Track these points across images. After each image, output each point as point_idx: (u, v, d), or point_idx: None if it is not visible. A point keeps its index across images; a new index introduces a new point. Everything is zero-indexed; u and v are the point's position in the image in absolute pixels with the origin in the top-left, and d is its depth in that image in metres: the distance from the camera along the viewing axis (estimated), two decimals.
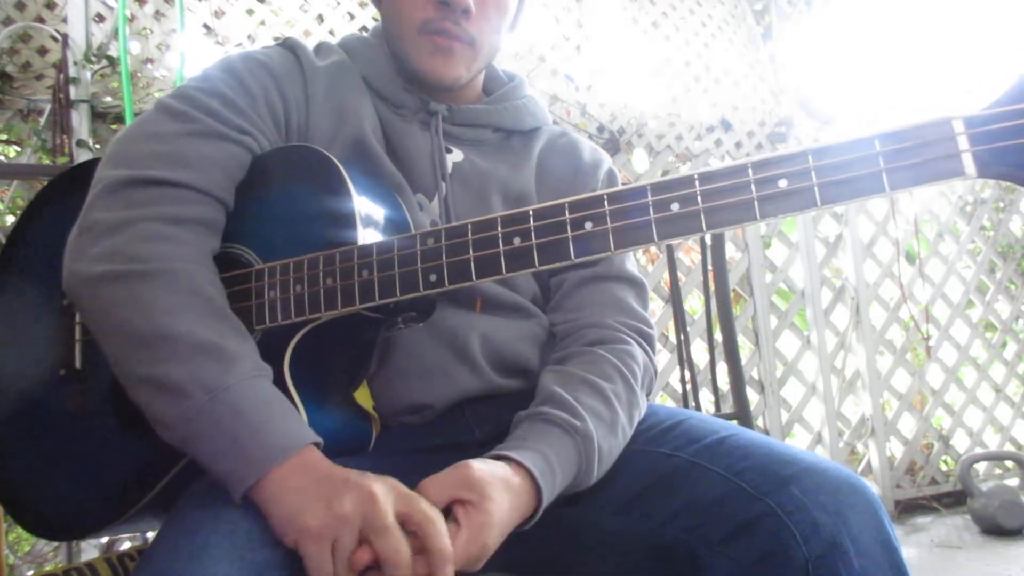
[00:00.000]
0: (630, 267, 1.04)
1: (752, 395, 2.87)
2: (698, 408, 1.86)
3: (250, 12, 2.41)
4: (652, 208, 0.70)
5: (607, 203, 0.72)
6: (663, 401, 2.81)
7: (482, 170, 1.00)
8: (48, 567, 2.05)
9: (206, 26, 2.34)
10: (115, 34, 2.17)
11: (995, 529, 2.63)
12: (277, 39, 1.01)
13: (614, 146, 2.81)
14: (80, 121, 2.13)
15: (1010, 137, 0.62)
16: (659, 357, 2.88)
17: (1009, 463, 3.24)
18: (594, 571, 0.87)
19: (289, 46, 0.99)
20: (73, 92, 2.13)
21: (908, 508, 3.06)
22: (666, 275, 2.39)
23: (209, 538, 0.67)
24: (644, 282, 1.05)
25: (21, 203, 2.12)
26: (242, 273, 0.84)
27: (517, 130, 1.07)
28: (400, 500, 0.69)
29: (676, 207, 0.69)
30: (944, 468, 3.22)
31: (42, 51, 2.21)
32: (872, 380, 3.09)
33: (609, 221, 0.71)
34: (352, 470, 0.71)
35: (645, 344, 0.99)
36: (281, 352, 0.81)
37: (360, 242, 0.80)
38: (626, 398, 0.90)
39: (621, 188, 0.72)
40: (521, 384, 0.97)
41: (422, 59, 0.96)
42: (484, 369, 0.94)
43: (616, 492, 0.85)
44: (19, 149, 2.30)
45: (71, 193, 0.84)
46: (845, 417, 3.12)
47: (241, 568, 0.66)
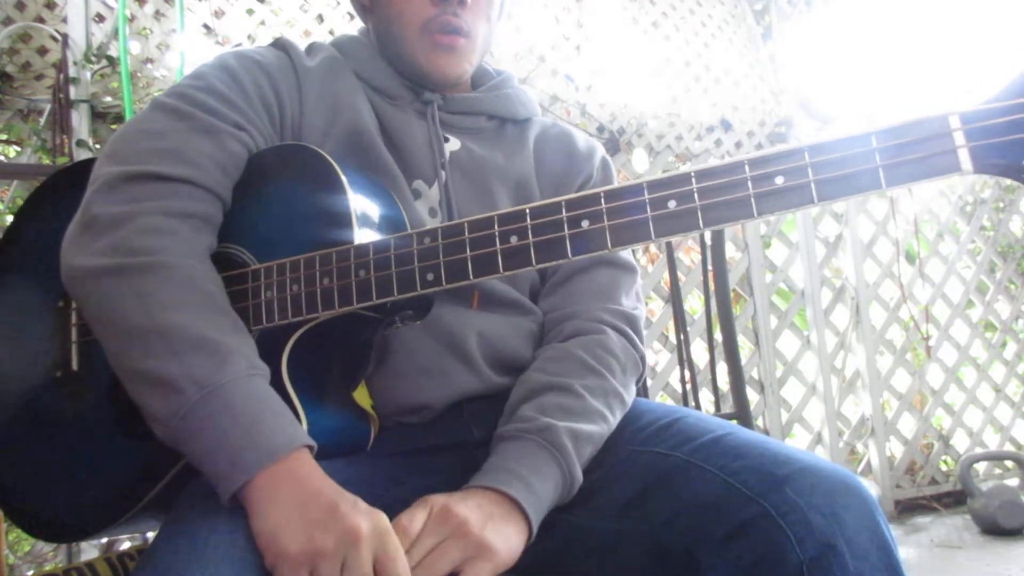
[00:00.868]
0: (624, 254, 1.04)
1: (752, 395, 2.87)
2: (698, 408, 1.86)
3: (250, 12, 2.41)
4: (649, 206, 0.70)
5: (604, 201, 0.72)
6: (663, 401, 2.81)
7: (479, 157, 1.01)
8: (48, 567, 2.05)
9: (206, 26, 2.34)
10: (115, 34, 2.17)
11: (995, 529, 2.63)
12: (277, 39, 1.01)
13: (614, 146, 2.81)
14: (80, 121, 2.13)
15: (1007, 133, 0.61)
16: (659, 357, 2.90)
17: (1009, 463, 3.24)
18: (593, 574, 0.87)
19: (280, 45, 0.99)
20: (73, 92, 2.13)
21: (908, 508, 3.06)
22: (666, 275, 2.39)
23: (209, 538, 0.67)
24: (635, 266, 1.05)
25: (21, 203, 2.12)
26: (238, 273, 0.84)
27: (510, 118, 1.08)
28: (381, 544, 0.68)
29: (673, 204, 0.69)
30: (944, 468, 3.22)
31: (42, 51, 2.21)
32: (872, 380, 3.09)
33: (606, 219, 0.71)
34: (344, 494, 0.70)
35: (628, 330, 0.99)
36: (278, 353, 0.81)
37: (356, 241, 0.80)
38: (599, 388, 0.91)
39: (618, 186, 0.72)
40: None
41: (427, 58, 0.97)
42: (482, 368, 0.94)
43: (614, 495, 0.85)
44: (19, 149, 2.30)
45: (66, 193, 0.84)
46: (845, 417, 3.12)
47: (242, 569, 0.66)
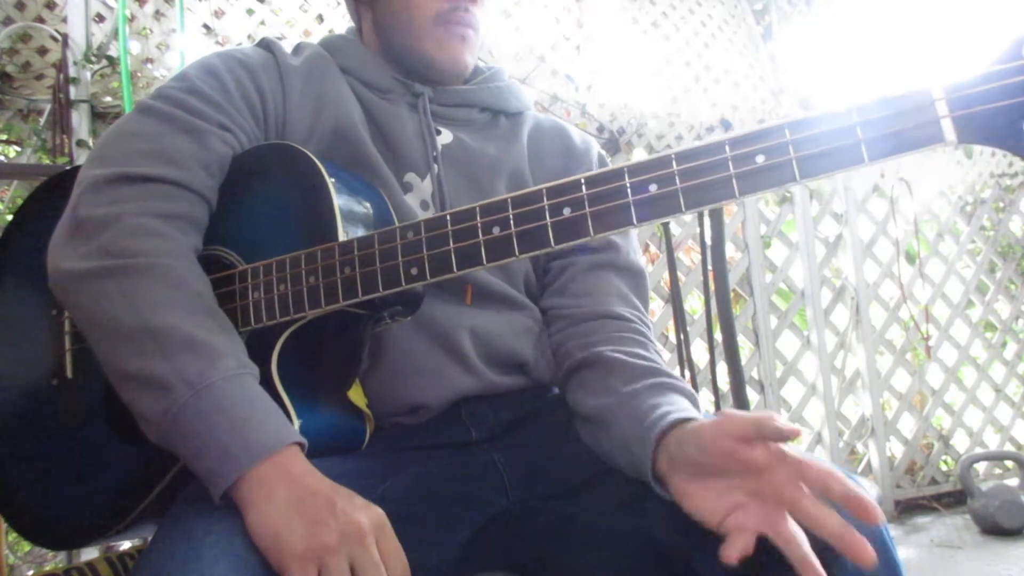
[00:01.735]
0: (634, 257, 1.04)
1: (752, 395, 2.87)
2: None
3: (250, 12, 2.41)
4: (630, 190, 0.69)
5: (584, 187, 0.71)
6: None
7: (471, 149, 1.00)
8: (48, 567, 2.05)
9: (206, 26, 2.34)
10: (115, 34, 2.18)
11: (995, 529, 2.63)
12: (262, 39, 1.01)
13: (614, 146, 2.81)
14: (80, 121, 2.13)
15: (990, 100, 0.60)
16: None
17: (1009, 463, 3.24)
18: (591, 572, 0.87)
19: (265, 44, 0.99)
20: (73, 92, 2.13)
21: (908, 508, 3.06)
22: (666, 275, 2.39)
23: (206, 538, 0.67)
24: (645, 273, 1.05)
25: (21, 203, 2.12)
26: (225, 275, 0.84)
27: (503, 111, 1.07)
28: (382, 537, 0.69)
29: (654, 188, 0.69)
30: (944, 468, 3.22)
31: (42, 51, 2.21)
32: (872, 380, 3.09)
33: (587, 206, 0.71)
34: (339, 490, 0.70)
35: (650, 336, 0.99)
36: (268, 353, 0.81)
37: (341, 238, 0.80)
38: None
39: (598, 172, 0.71)
40: (517, 381, 0.97)
41: (438, 50, 0.97)
42: (478, 367, 0.93)
43: (611, 492, 0.85)
44: (19, 149, 2.30)
45: (61, 199, 0.84)
46: (845, 417, 3.12)
47: (239, 569, 0.66)
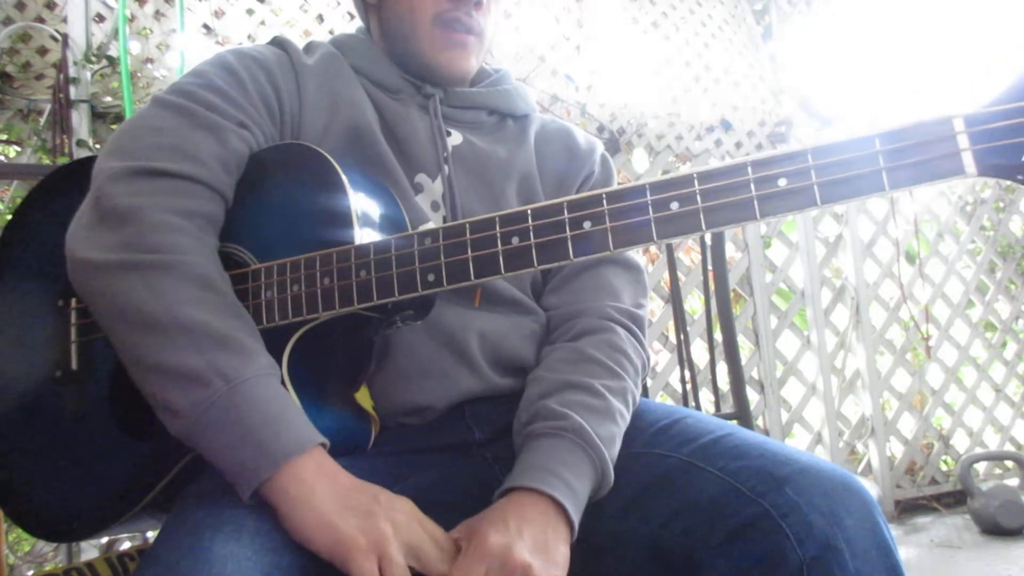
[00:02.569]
0: (631, 253, 1.04)
1: (752, 395, 2.87)
2: (698, 408, 1.86)
3: (250, 12, 2.41)
4: (651, 207, 0.70)
5: (606, 202, 0.71)
6: (663, 401, 2.80)
7: (481, 151, 1.01)
8: (48, 567, 2.05)
9: (206, 26, 2.34)
10: (115, 34, 2.18)
11: (995, 529, 2.63)
12: (275, 38, 1.01)
13: (614, 146, 2.81)
14: (80, 121, 2.13)
15: (1010, 136, 0.61)
16: (659, 357, 2.90)
17: (1009, 463, 3.24)
18: (593, 574, 0.87)
19: (278, 43, 0.99)
20: (73, 92, 2.13)
21: (908, 508, 3.06)
22: (666, 275, 2.39)
23: (214, 537, 0.67)
24: (640, 266, 1.05)
25: (26, 195, 2.12)
26: (239, 273, 0.84)
27: (510, 114, 1.08)
28: (423, 519, 0.75)
29: (675, 206, 0.69)
30: (944, 468, 3.22)
31: (42, 51, 2.21)
32: (872, 380, 3.09)
33: (608, 220, 0.71)
34: (369, 485, 0.75)
35: (635, 329, 0.99)
36: (279, 353, 0.81)
37: (357, 241, 0.80)
38: (618, 388, 0.91)
39: (620, 187, 0.72)
40: (520, 383, 0.97)
41: (436, 53, 0.97)
42: (483, 369, 0.94)
43: (614, 495, 0.84)
44: (19, 149, 2.30)
45: (64, 192, 0.84)
46: (845, 417, 3.12)
47: (247, 569, 0.66)
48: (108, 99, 2.21)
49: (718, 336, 1.86)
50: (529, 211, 0.74)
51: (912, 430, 3.17)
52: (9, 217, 1.03)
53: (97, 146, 2.15)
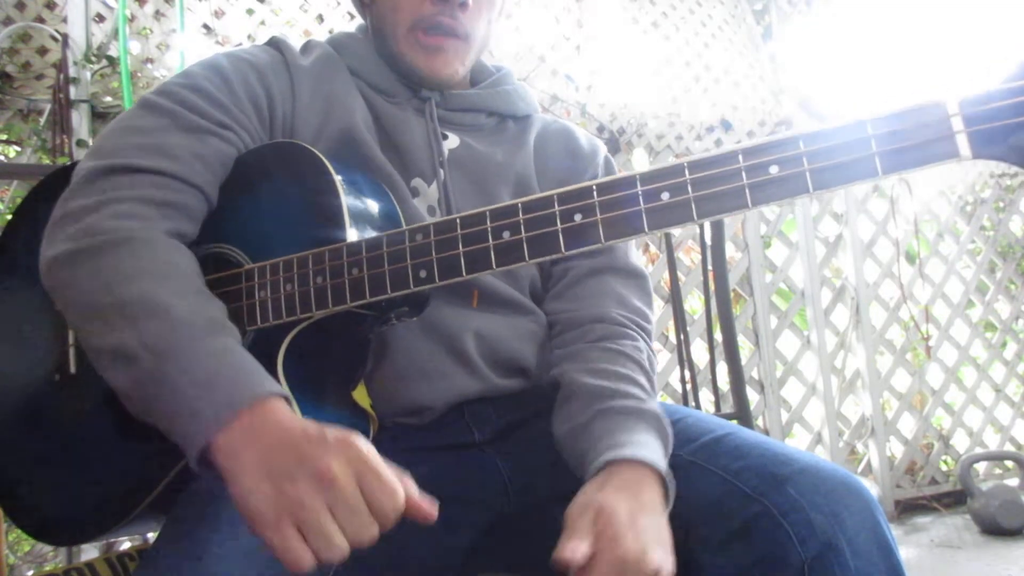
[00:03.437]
0: (633, 260, 1.03)
1: (752, 395, 2.87)
2: (698, 408, 1.86)
3: (250, 12, 2.41)
4: (642, 198, 0.69)
5: (596, 194, 0.70)
6: (663, 401, 2.80)
7: (479, 154, 1.00)
8: (48, 567, 2.05)
9: (206, 26, 2.34)
10: (115, 34, 2.18)
11: (995, 529, 2.63)
12: (271, 38, 1.00)
13: (614, 146, 2.81)
14: (80, 121, 2.13)
15: (1006, 117, 0.60)
16: (659, 357, 2.89)
17: (1009, 463, 3.24)
18: None
19: (274, 44, 0.98)
20: (73, 92, 2.13)
21: (908, 508, 3.06)
22: (666, 275, 2.39)
23: (211, 537, 0.67)
24: (646, 274, 1.04)
25: (24, 198, 2.12)
26: (232, 274, 0.84)
27: (510, 115, 1.06)
28: (360, 473, 0.62)
29: (666, 196, 0.68)
30: (944, 468, 3.22)
31: (42, 51, 2.21)
32: (872, 380, 3.09)
33: (599, 212, 0.70)
34: (308, 431, 0.64)
35: (645, 337, 0.99)
36: (274, 353, 0.80)
37: (349, 239, 0.79)
38: (648, 385, 0.91)
39: (611, 178, 0.71)
40: (519, 384, 0.97)
41: (415, 56, 0.95)
42: (482, 369, 0.93)
43: None
44: (19, 149, 2.30)
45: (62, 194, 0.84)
46: (845, 417, 3.12)
47: (244, 568, 0.66)
48: (108, 99, 2.21)
49: (718, 336, 1.86)
50: (520, 205, 0.73)
51: (912, 430, 3.17)
52: (9, 217, 1.03)
53: None
